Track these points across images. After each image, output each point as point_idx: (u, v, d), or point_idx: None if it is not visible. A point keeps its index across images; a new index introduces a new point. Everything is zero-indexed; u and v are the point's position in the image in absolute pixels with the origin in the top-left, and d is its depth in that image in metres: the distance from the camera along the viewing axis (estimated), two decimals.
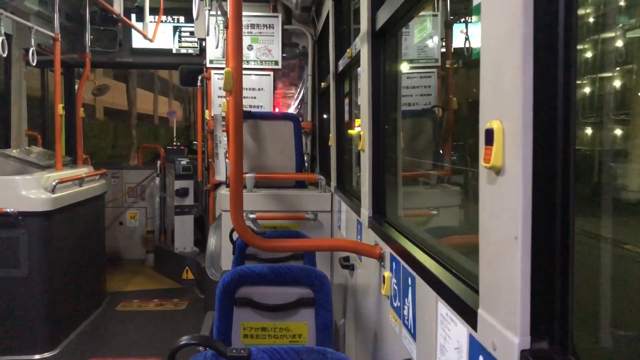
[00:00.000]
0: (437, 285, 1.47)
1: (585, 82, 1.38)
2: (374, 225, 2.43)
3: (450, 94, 3.52)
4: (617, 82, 1.47)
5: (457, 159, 3.19)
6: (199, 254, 6.64)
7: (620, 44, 1.40)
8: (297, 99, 5.81)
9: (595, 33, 1.36)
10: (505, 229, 1.00)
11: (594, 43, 1.36)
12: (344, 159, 4.18)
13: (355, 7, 3.84)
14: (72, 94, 7.03)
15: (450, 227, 2.84)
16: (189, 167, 6.84)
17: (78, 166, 5.57)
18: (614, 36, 1.40)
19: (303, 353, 1.66)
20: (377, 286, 2.34)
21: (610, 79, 1.46)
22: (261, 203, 4.12)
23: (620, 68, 1.46)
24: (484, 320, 1.10)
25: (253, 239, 2.28)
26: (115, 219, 7.67)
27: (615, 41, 1.40)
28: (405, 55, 3.48)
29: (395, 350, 2.00)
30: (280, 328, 2.39)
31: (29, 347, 4.33)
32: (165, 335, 4.89)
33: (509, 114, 0.98)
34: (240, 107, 2.18)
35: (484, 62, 1.09)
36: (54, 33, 4.89)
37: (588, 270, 1.17)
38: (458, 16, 3.25)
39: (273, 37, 5.61)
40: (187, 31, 6.96)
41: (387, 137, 2.53)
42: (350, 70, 3.77)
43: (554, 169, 0.95)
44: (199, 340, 1.60)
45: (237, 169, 2.17)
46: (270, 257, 3.11)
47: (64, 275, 4.65)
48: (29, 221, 4.24)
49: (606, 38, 1.39)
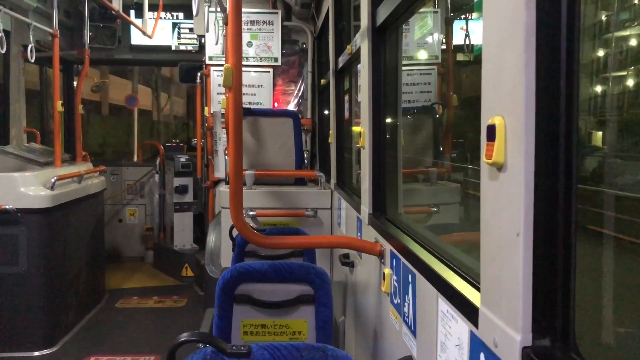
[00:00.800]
0: (438, 282, 1.47)
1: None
2: (374, 222, 2.42)
3: (450, 91, 3.52)
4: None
5: (457, 156, 3.19)
6: (199, 251, 6.64)
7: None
8: (296, 95, 5.80)
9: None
10: (507, 226, 0.99)
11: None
12: (344, 155, 4.18)
13: (356, 3, 3.83)
14: (71, 90, 7.02)
15: (450, 224, 2.84)
16: (188, 164, 6.83)
17: (77, 163, 5.56)
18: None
19: (303, 350, 1.66)
20: (377, 283, 2.33)
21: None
22: (261, 200, 4.12)
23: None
24: (485, 317, 1.09)
25: (253, 236, 2.27)
26: (115, 216, 7.67)
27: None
28: (406, 52, 3.47)
29: (396, 347, 2.00)
30: (280, 325, 2.39)
31: (28, 344, 4.33)
32: (164, 332, 4.89)
33: (511, 110, 0.98)
34: (240, 103, 2.17)
35: (486, 58, 1.09)
36: (52, 29, 4.88)
37: (590, 267, 1.17)
38: (459, 12, 3.24)
39: (273, 34, 5.60)
40: (186, 28, 6.95)
41: (387, 134, 2.53)
42: (350, 67, 3.76)
43: (556, 165, 0.94)
44: (198, 337, 1.59)
45: (236, 166, 2.16)
46: (270, 254, 3.11)
47: (63, 272, 4.65)
48: (28, 218, 4.24)
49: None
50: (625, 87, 1.62)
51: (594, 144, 1.79)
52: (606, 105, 1.59)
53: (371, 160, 2.52)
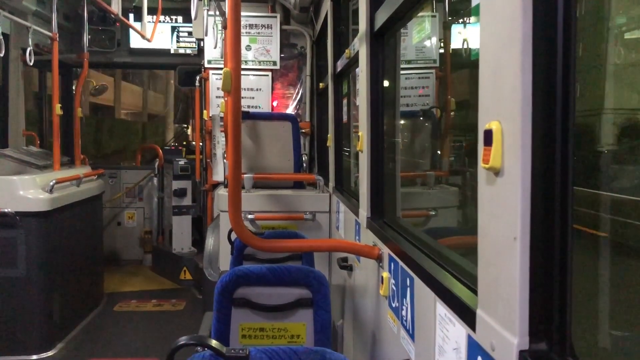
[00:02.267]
0: (436, 286, 1.47)
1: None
2: (372, 226, 2.43)
3: (448, 95, 3.53)
4: None
5: (455, 160, 3.19)
6: (197, 254, 6.64)
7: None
8: (295, 99, 5.81)
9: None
10: (504, 230, 1.00)
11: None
12: (342, 159, 4.18)
13: (354, 7, 3.84)
14: (70, 94, 7.02)
15: (448, 228, 2.84)
16: (187, 168, 6.83)
17: (76, 166, 5.56)
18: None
19: (301, 353, 1.66)
20: (376, 287, 2.34)
21: None
22: (259, 203, 4.12)
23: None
24: (482, 320, 1.10)
25: (251, 239, 2.27)
26: (113, 219, 7.66)
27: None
28: (404, 56, 3.48)
29: (394, 351, 2.00)
30: (279, 329, 2.39)
31: (26, 348, 4.32)
32: (163, 335, 4.89)
33: (508, 115, 0.98)
34: (239, 107, 2.18)
35: (483, 63, 1.09)
36: (51, 33, 4.88)
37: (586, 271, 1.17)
38: (456, 17, 3.25)
39: (271, 38, 5.61)
40: (185, 31, 6.96)
41: (386, 137, 2.53)
42: (348, 70, 3.77)
43: (553, 169, 0.95)
44: (197, 340, 1.59)
45: (235, 169, 2.16)
46: (269, 258, 3.11)
47: (62, 275, 4.64)
48: (27, 221, 4.23)
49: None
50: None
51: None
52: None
53: (369, 164, 2.52)
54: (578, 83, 0.93)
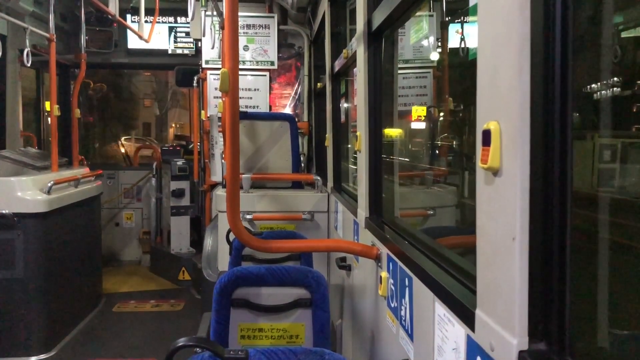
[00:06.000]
0: (434, 286, 1.47)
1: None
2: (371, 226, 2.43)
3: (445, 94, 3.53)
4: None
5: (452, 159, 3.19)
6: (196, 254, 6.63)
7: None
8: (293, 99, 5.81)
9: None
10: (503, 230, 1.00)
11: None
12: (340, 159, 4.18)
13: (351, 7, 3.84)
14: (68, 94, 7.01)
15: (446, 228, 2.84)
16: (185, 168, 6.82)
17: (74, 167, 5.55)
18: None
19: (300, 354, 1.66)
20: (374, 287, 2.33)
21: None
22: (258, 204, 4.12)
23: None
24: (481, 320, 1.10)
25: (250, 239, 2.27)
26: (111, 220, 7.65)
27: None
28: (402, 56, 3.48)
29: (393, 351, 2.00)
30: (278, 329, 2.39)
31: (25, 349, 4.31)
32: (162, 336, 4.88)
33: (506, 115, 0.98)
34: (237, 107, 2.18)
35: (481, 63, 1.09)
36: (49, 34, 4.87)
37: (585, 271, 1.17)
38: (454, 17, 3.25)
39: (269, 38, 5.60)
40: (183, 32, 6.96)
41: (384, 137, 2.53)
42: (346, 70, 3.77)
43: (551, 169, 0.95)
44: (196, 341, 1.59)
45: (233, 170, 2.16)
46: (267, 258, 3.11)
47: (60, 276, 4.63)
48: (25, 222, 4.23)
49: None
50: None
51: None
52: None
53: (368, 164, 2.52)
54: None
